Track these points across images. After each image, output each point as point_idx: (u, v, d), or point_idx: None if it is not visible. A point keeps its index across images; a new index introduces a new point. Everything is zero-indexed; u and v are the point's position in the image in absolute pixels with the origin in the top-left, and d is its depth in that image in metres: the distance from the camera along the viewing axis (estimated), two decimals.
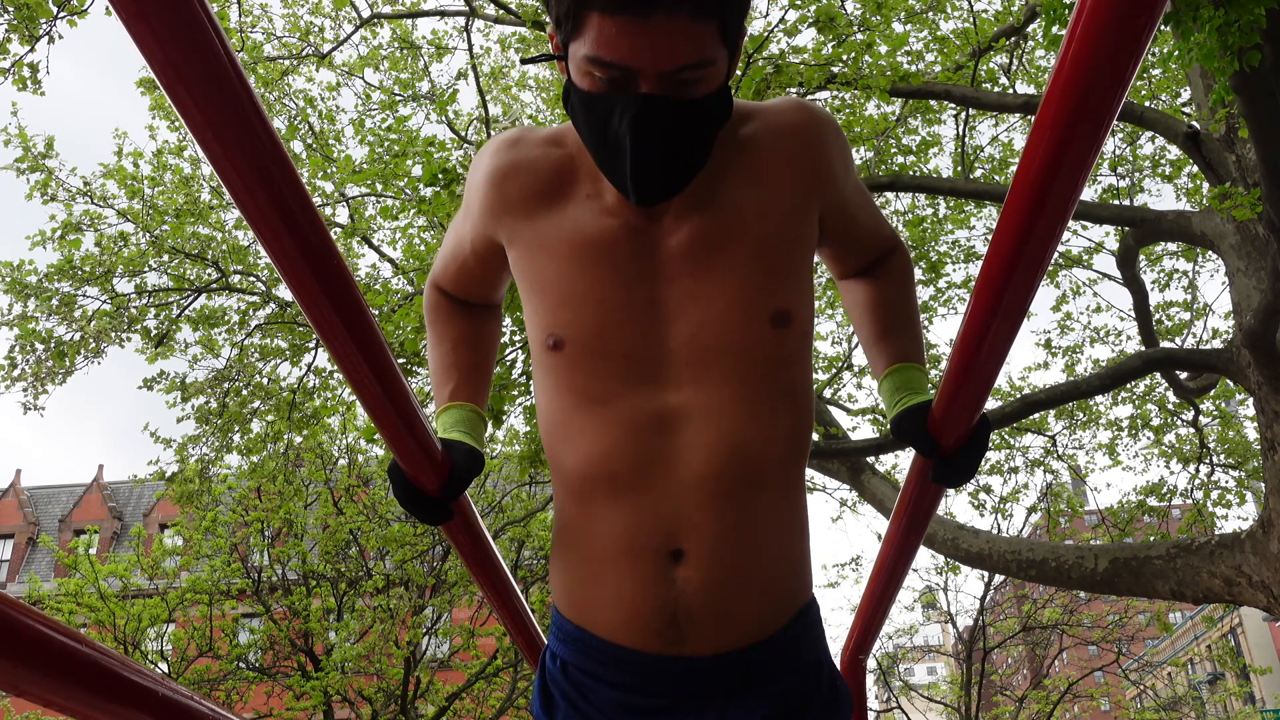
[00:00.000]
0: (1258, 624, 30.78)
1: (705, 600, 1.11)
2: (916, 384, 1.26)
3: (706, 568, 1.11)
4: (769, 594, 1.16)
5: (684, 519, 1.11)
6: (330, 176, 7.68)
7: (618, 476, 1.12)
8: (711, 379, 1.12)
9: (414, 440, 1.11)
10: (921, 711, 19.25)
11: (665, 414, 1.12)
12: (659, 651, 1.13)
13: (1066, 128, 0.81)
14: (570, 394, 1.16)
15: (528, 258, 1.19)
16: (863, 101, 7.45)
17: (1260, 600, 5.05)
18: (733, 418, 1.12)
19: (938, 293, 9.35)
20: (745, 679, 1.15)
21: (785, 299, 1.15)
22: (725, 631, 1.13)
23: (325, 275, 0.90)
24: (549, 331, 1.16)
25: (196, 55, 0.70)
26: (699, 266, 1.13)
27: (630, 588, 1.13)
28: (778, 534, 1.16)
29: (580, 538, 1.17)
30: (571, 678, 1.20)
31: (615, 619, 1.15)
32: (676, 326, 1.13)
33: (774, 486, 1.15)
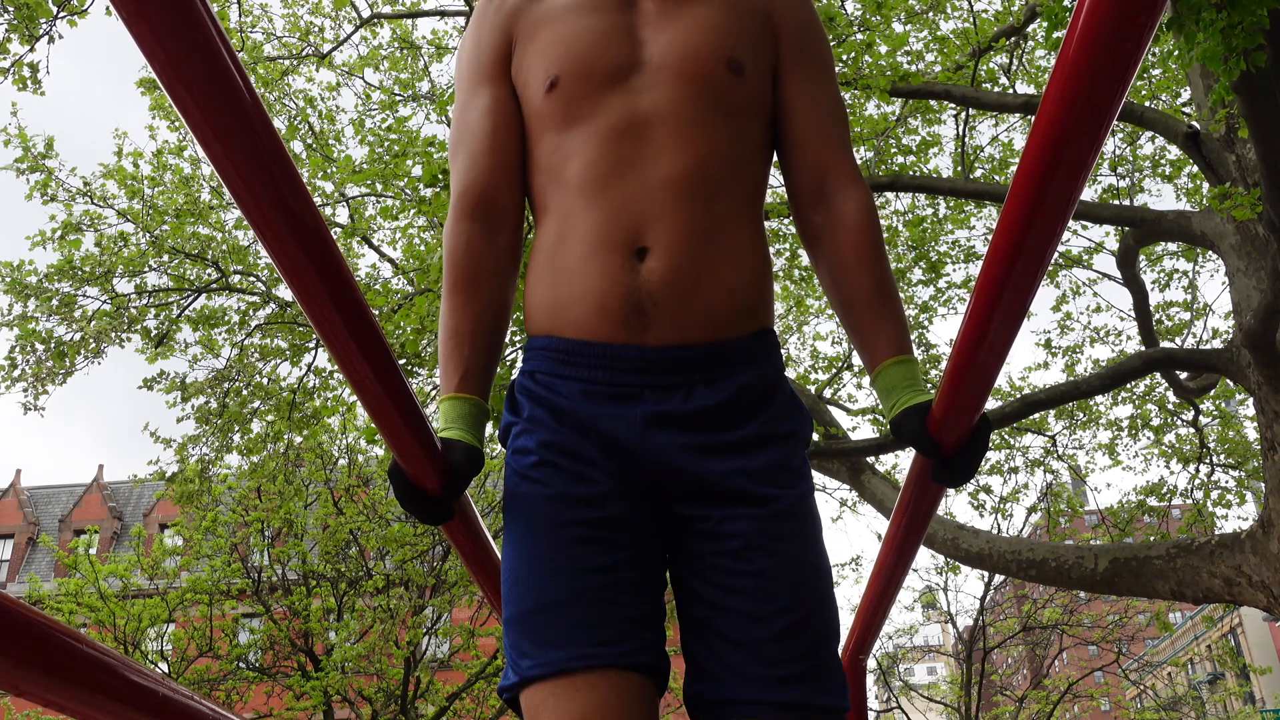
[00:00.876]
0: (1258, 624, 30.79)
1: (668, 290, 1.20)
2: (910, 380, 1.25)
3: (668, 260, 1.20)
4: (729, 297, 1.23)
5: (649, 217, 1.22)
6: (330, 176, 7.68)
7: (594, 180, 1.24)
8: (677, 92, 1.27)
9: (414, 440, 1.11)
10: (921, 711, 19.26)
11: (638, 120, 1.25)
12: (625, 341, 1.20)
13: (1066, 128, 0.81)
14: (563, 123, 1.28)
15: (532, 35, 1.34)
16: (863, 101, 7.46)
17: (1260, 600, 5.05)
18: (694, 129, 1.25)
19: (938, 293, 9.35)
20: (707, 371, 1.22)
21: (739, 53, 1.30)
22: (686, 323, 1.21)
23: (325, 275, 0.90)
24: (548, 75, 1.29)
25: (196, 55, 0.70)
26: (670, 15, 1.32)
27: (598, 280, 1.21)
28: (736, 246, 1.26)
29: (558, 246, 1.26)
30: (539, 380, 1.25)
31: (584, 313, 1.22)
32: (650, 49, 1.30)
33: (731, 200, 1.27)
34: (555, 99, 1.29)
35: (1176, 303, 9.71)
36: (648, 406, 1.20)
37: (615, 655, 1.11)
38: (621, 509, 1.18)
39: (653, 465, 1.19)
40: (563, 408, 1.22)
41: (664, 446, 1.19)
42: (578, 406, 1.21)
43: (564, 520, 1.16)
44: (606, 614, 1.13)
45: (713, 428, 1.20)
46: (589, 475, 1.19)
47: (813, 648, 1.14)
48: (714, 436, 1.20)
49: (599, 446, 1.20)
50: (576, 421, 1.21)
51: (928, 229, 8.69)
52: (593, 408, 1.21)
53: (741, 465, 1.19)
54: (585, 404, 1.21)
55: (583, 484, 1.18)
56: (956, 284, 9.35)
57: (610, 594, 1.14)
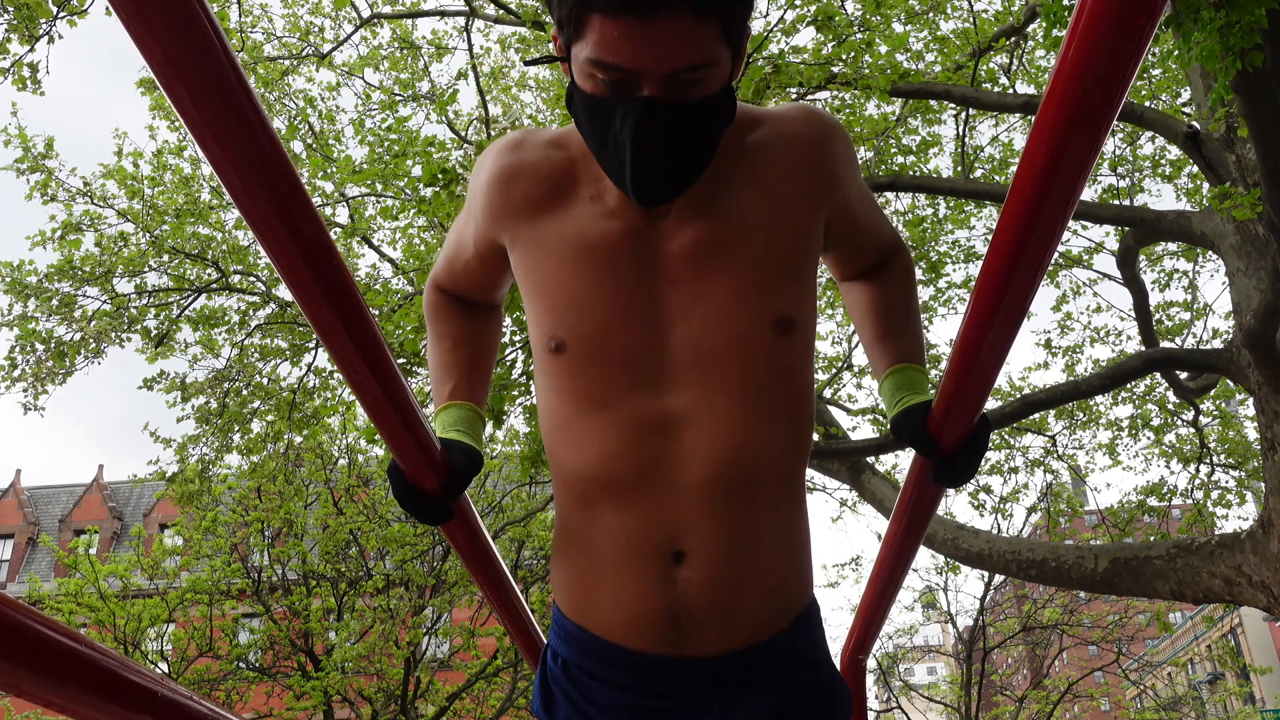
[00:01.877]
0: (1258, 624, 30.78)
1: (707, 602, 1.11)
2: (917, 384, 1.26)
3: (708, 570, 1.11)
4: (770, 596, 1.16)
5: (685, 522, 1.11)
6: (330, 176, 7.68)
7: (619, 479, 1.13)
8: (713, 383, 1.12)
9: (413, 440, 1.11)
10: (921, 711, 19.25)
11: (666, 418, 1.12)
12: (661, 652, 1.14)
13: (1066, 128, 0.80)
14: (572, 396, 1.16)
15: (530, 260, 1.19)
16: (863, 101, 7.45)
17: (1260, 600, 5.05)
18: (733, 422, 1.12)
19: (938, 293, 9.34)
20: (746, 680, 1.15)
21: (788, 305, 1.14)
22: (727, 633, 1.14)
23: (325, 275, 0.90)
24: (551, 334, 1.16)
25: (196, 55, 0.69)
26: (701, 270, 1.12)
27: (632, 590, 1.13)
28: (778, 538, 1.17)
29: (582, 539, 1.18)
30: (573, 677, 1.20)
31: (617, 620, 1.15)
32: (678, 330, 1.13)
33: (774, 491, 1.16)
34: (561, 365, 1.16)
35: (1176, 303, 9.72)
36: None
37: None
38: None
39: None
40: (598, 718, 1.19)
41: None
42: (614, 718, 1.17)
43: None
44: None
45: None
46: None
47: None
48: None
49: None
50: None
51: (928, 229, 8.69)
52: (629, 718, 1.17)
53: None
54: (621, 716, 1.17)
55: None
56: (956, 284, 9.35)
57: None
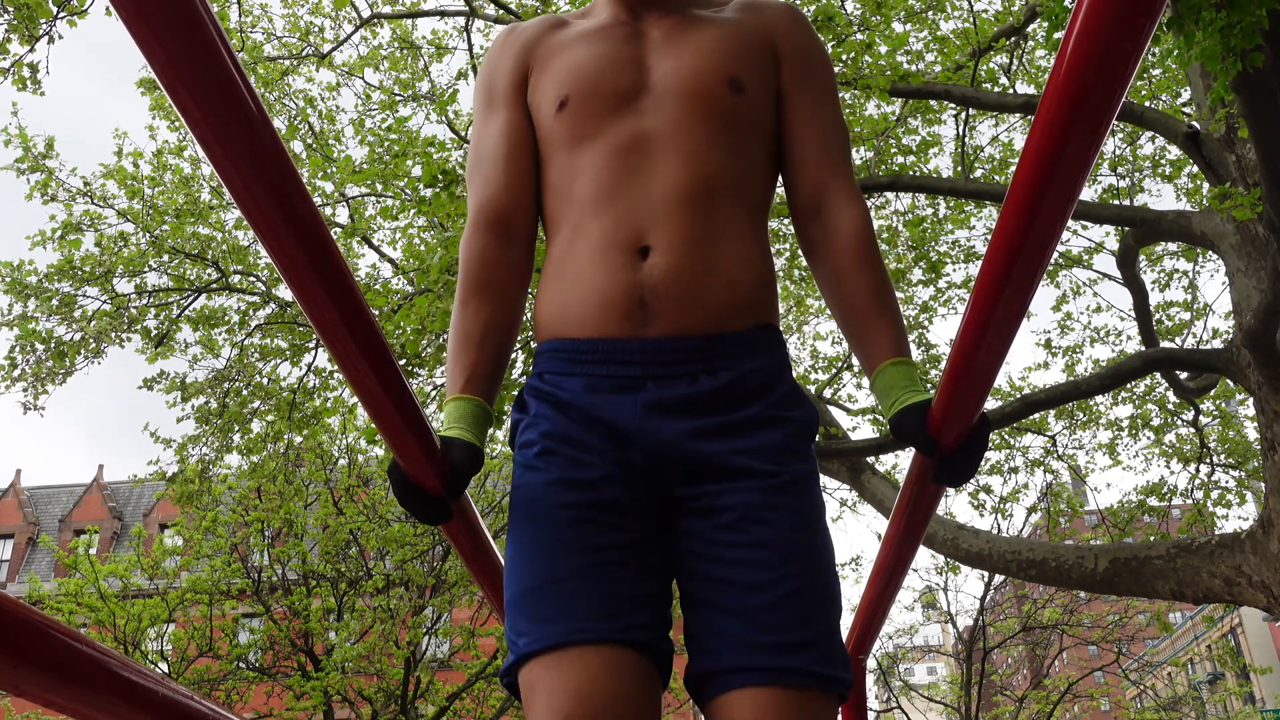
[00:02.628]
0: (1258, 624, 30.79)
1: (669, 281, 1.24)
2: (908, 380, 1.26)
3: (670, 256, 1.25)
4: (731, 290, 1.27)
5: (652, 220, 1.27)
6: (330, 176, 7.68)
7: (601, 191, 1.30)
8: (680, 111, 1.32)
9: (414, 440, 1.11)
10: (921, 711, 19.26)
11: (641, 136, 1.31)
12: (628, 334, 1.24)
13: (1066, 128, 0.81)
14: (571, 142, 1.34)
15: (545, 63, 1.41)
16: (863, 101, 7.45)
17: (1260, 600, 5.05)
18: (695, 142, 1.31)
19: (938, 293, 9.34)
20: (709, 360, 1.24)
21: (740, 71, 1.36)
22: (688, 314, 1.24)
23: (325, 275, 0.90)
24: (558, 96, 1.36)
25: (196, 55, 0.70)
26: (674, 40, 1.39)
27: (603, 278, 1.26)
28: (738, 250, 1.29)
29: (565, 255, 1.31)
30: (546, 380, 1.29)
31: (589, 310, 1.26)
32: (655, 74, 1.36)
33: (732, 205, 1.31)
34: (564, 119, 1.35)
35: (1176, 303, 9.71)
36: (649, 394, 1.22)
37: (611, 630, 1.11)
38: (619, 492, 1.20)
39: (652, 448, 1.21)
40: (566, 401, 1.25)
41: (663, 429, 1.21)
42: (581, 399, 1.24)
43: (561, 503, 1.18)
44: (603, 591, 1.13)
45: (713, 411, 1.23)
46: (588, 460, 1.21)
47: (812, 616, 1.14)
48: (714, 419, 1.22)
49: (600, 434, 1.22)
50: (579, 412, 1.24)
51: (928, 229, 8.69)
52: (595, 399, 1.24)
53: (742, 444, 1.21)
54: (588, 396, 1.24)
55: (581, 469, 1.20)
56: (956, 284, 9.35)
57: (607, 573, 1.15)
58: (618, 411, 1.22)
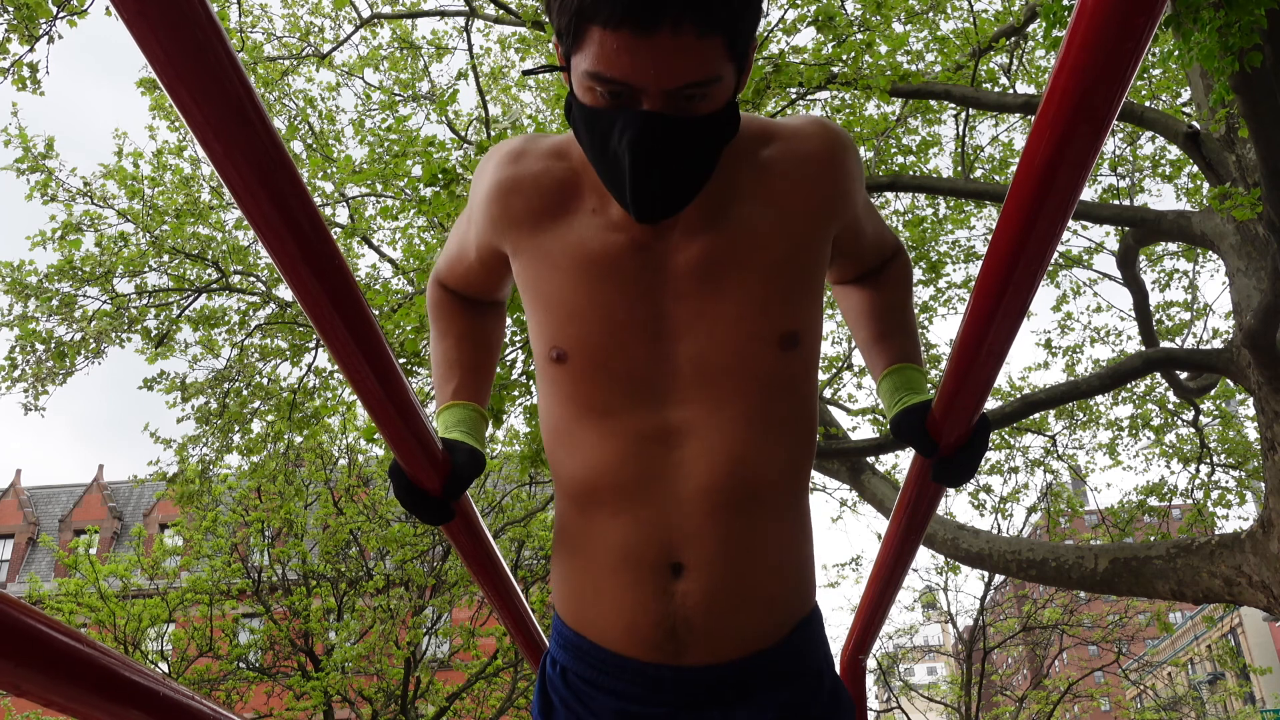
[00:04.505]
0: (1258, 624, 30.78)
1: (704, 614, 1.11)
2: (916, 384, 1.26)
3: (705, 582, 1.10)
4: (769, 609, 1.16)
5: (684, 533, 1.11)
6: (330, 176, 7.68)
7: (618, 488, 1.13)
8: (716, 398, 1.12)
9: (415, 440, 1.11)
10: (921, 711, 19.25)
11: (668, 430, 1.12)
12: (659, 661, 1.14)
13: (1066, 128, 0.80)
14: (573, 405, 1.16)
15: (532, 271, 1.18)
16: (863, 101, 7.45)
17: (1260, 600, 5.05)
18: (735, 436, 1.11)
19: (938, 293, 9.35)
20: (745, 689, 1.15)
21: (795, 321, 1.14)
22: (725, 643, 1.13)
23: (326, 275, 0.90)
24: (553, 344, 1.15)
25: (197, 55, 0.69)
26: (707, 285, 1.11)
27: (630, 600, 1.13)
28: (779, 549, 1.16)
29: (580, 546, 1.17)
30: (571, 684, 1.20)
31: (615, 629, 1.15)
32: (682, 344, 1.12)
33: (775, 504, 1.15)
34: (564, 374, 1.16)
35: (1176, 303, 9.72)
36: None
37: None
38: None
39: None
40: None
41: None
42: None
43: None
44: None
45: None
46: None
47: None
48: None
49: None
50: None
51: (928, 229, 8.69)
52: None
53: None
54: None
55: None
56: (956, 284, 9.36)
57: None
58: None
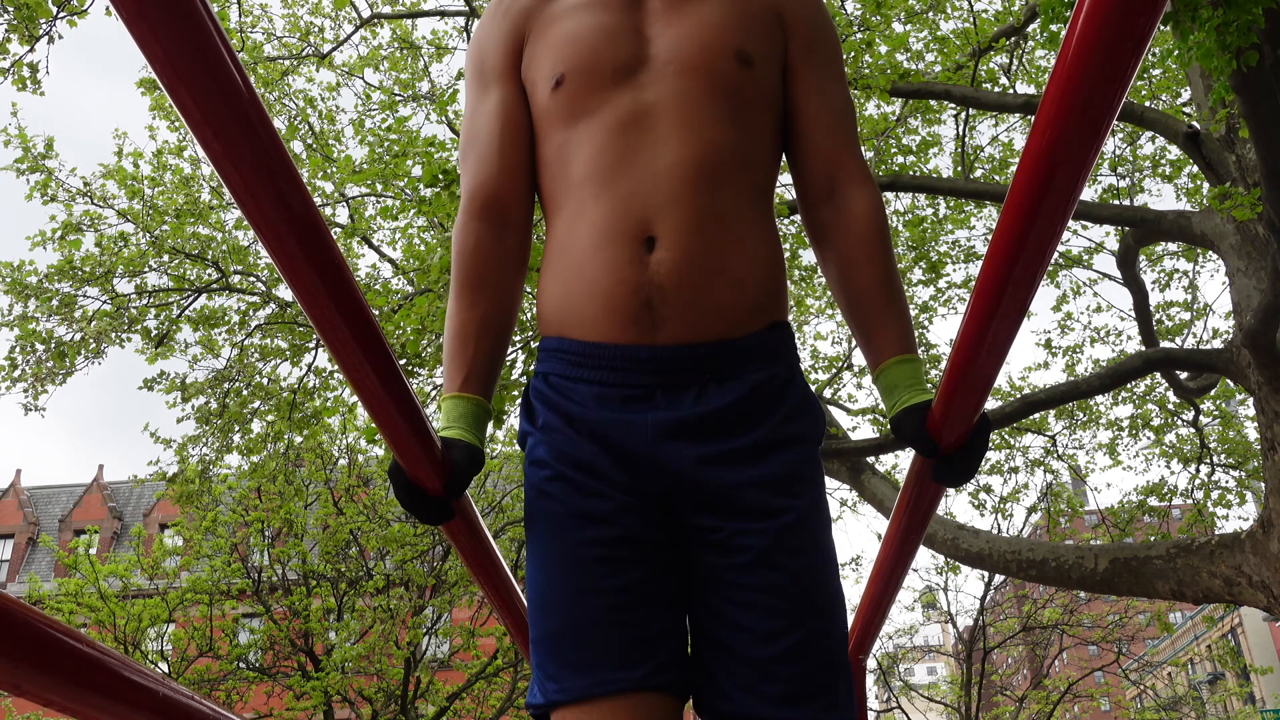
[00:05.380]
0: (1258, 624, 30.79)
1: (677, 281, 1.19)
2: (912, 379, 1.25)
3: (677, 250, 1.19)
4: (739, 288, 1.22)
5: (657, 207, 1.21)
6: (330, 176, 7.68)
7: (599, 172, 1.24)
8: (684, 84, 1.27)
9: (414, 440, 1.11)
10: (921, 711, 19.25)
11: (643, 111, 1.25)
12: (634, 341, 1.20)
13: (1066, 128, 0.81)
14: (569, 119, 1.29)
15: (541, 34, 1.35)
16: (863, 101, 7.45)
17: (1260, 600, 5.05)
18: (700, 118, 1.25)
19: (938, 293, 9.35)
20: (719, 371, 1.21)
21: (748, 44, 1.30)
22: (697, 318, 1.20)
23: (325, 275, 0.90)
24: (554, 72, 1.30)
25: (197, 55, 0.70)
26: (677, 10, 1.32)
27: (607, 274, 1.21)
28: (746, 235, 1.24)
29: (566, 242, 1.26)
30: (552, 384, 1.26)
31: (593, 310, 1.21)
32: (656, 45, 1.30)
33: (740, 188, 1.26)
34: (561, 96, 1.29)
35: (1176, 303, 9.72)
36: (659, 412, 1.19)
37: (639, 679, 1.12)
38: (635, 524, 1.18)
39: (664, 476, 1.19)
40: (576, 415, 1.22)
41: (675, 457, 1.19)
42: (591, 413, 1.21)
43: (580, 539, 1.18)
44: (626, 635, 1.14)
45: (723, 433, 1.20)
46: (602, 491, 1.19)
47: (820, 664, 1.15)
48: (724, 443, 1.19)
49: (612, 457, 1.20)
50: (590, 429, 1.21)
51: (928, 229, 8.69)
52: (606, 413, 1.21)
53: (751, 476, 1.19)
54: (599, 409, 1.21)
55: (596, 499, 1.19)
56: (956, 284, 9.36)
57: (630, 614, 1.15)
58: (629, 434, 1.19)
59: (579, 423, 1.22)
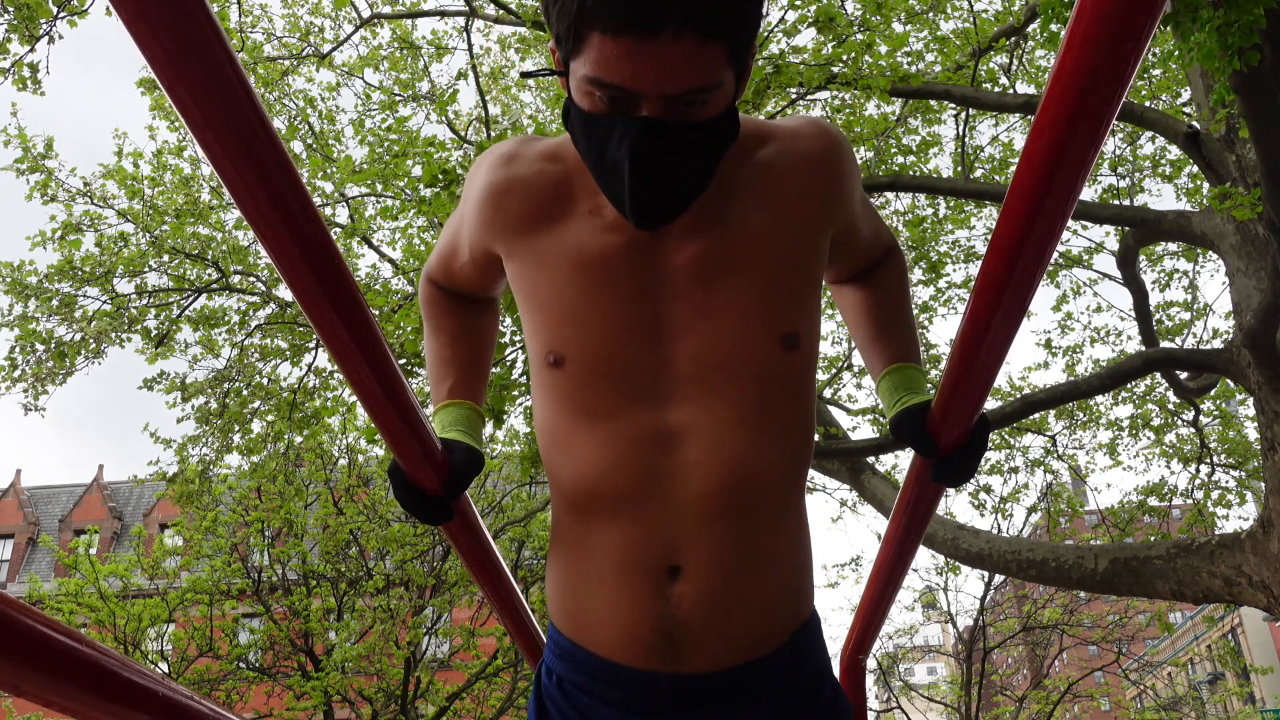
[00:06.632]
0: (1258, 624, 30.78)
1: (702, 617, 1.10)
2: (915, 383, 1.26)
3: (703, 585, 1.09)
4: (767, 612, 1.14)
5: (682, 536, 1.09)
6: (330, 176, 7.68)
7: (616, 492, 1.11)
8: (715, 398, 1.10)
9: (414, 440, 1.11)
10: (921, 711, 19.24)
11: (666, 431, 1.10)
12: (655, 669, 1.12)
13: (1066, 128, 0.80)
14: (570, 409, 1.14)
15: (527, 274, 1.16)
16: (863, 101, 7.45)
17: (1260, 600, 5.05)
18: (734, 438, 1.10)
19: (938, 293, 9.35)
20: (743, 695, 1.14)
21: (793, 322, 1.13)
22: (722, 649, 1.12)
23: (325, 275, 0.90)
24: (549, 348, 1.14)
25: (196, 55, 0.69)
26: (706, 285, 1.10)
27: (627, 604, 1.11)
28: (777, 553, 1.14)
29: (577, 552, 1.16)
30: (568, 694, 1.19)
31: (611, 636, 1.13)
32: (681, 345, 1.10)
33: (774, 507, 1.14)
34: (560, 379, 1.14)
35: (1176, 303, 9.72)
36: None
37: None
38: None
39: None
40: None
41: None
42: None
43: None
44: None
45: None
46: None
47: None
48: None
49: None
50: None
51: (928, 229, 8.69)
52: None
53: None
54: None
55: None
56: (956, 284, 9.36)
57: None
58: None
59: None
